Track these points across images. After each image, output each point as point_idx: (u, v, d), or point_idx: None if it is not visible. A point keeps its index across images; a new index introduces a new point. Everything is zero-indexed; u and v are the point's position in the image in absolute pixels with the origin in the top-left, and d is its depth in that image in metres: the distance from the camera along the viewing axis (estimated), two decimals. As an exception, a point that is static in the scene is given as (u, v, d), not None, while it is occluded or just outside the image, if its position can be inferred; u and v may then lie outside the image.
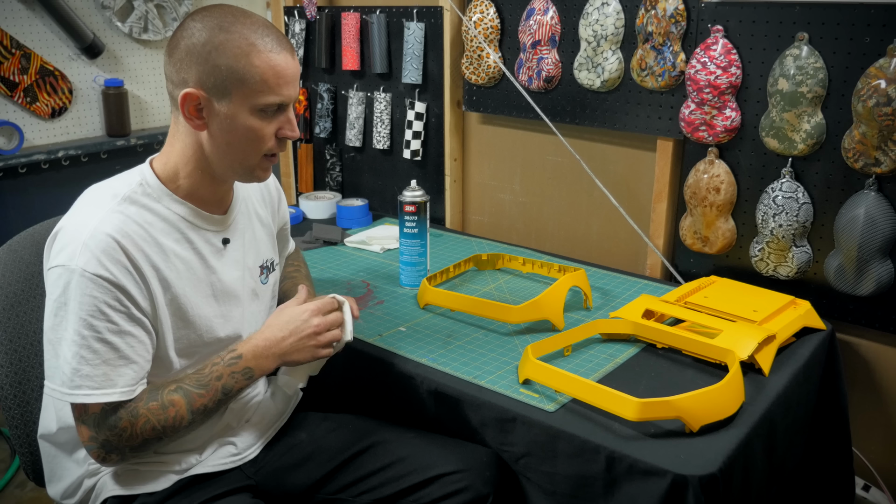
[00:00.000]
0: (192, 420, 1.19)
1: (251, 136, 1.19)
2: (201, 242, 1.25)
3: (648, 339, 1.52)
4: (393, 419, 1.44)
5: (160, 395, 1.16)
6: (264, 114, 1.19)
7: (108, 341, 1.12)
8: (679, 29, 1.78)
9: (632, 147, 2.00)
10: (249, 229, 1.37)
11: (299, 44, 2.53)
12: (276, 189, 1.51)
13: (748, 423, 1.25)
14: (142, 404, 1.15)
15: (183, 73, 1.16)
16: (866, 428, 1.77)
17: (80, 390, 1.12)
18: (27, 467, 1.40)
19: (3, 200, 2.62)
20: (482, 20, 2.10)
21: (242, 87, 1.15)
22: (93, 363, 1.11)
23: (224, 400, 1.22)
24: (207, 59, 1.14)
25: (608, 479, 1.19)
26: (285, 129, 1.22)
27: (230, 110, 1.17)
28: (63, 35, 2.72)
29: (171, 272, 1.20)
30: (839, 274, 1.67)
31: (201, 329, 1.25)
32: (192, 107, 1.17)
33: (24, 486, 2.25)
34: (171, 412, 1.16)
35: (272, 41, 1.17)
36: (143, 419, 1.14)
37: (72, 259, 1.11)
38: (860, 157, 1.59)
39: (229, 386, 1.22)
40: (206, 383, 1.20)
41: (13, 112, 2.64)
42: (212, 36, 1.14)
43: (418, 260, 1.82)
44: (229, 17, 1.17)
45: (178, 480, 1.27)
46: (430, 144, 2.35)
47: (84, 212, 1.17)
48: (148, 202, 1.20)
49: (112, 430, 1.13)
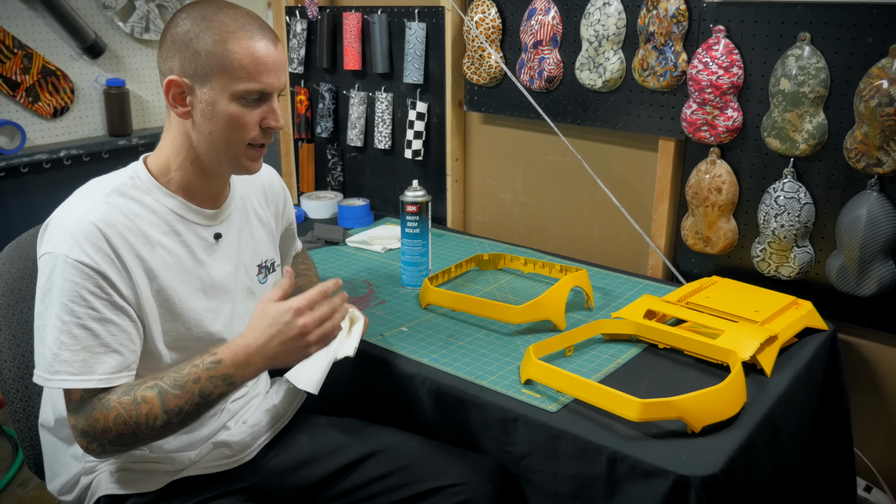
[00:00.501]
0: (168, 420, 1.12)
1: (232, 123, 1.19)
2: (191, 236, 1.26)
3: (650, 340, 1.52)
4: (394, 420, 1.44)
5: (134, 391, 1.12)
6: (245, 101, 1.19)
7: (89, 327, 1.13)
8: (681, 29, 1.78)
9: (633, 147, 2.00)
10: (247, 227, 1.37)
11: (301, 44, 2.53)
12: (282, 189, 1.51)
13: (750, 423, 1.25)
14: (115, 397, 1.12)
15: (168, 61, 1.19)
16: (868, 429, 1.77)
17: (59, 375, 1.12)
18: (30, 461, 1.41)
19: (5, 200, 2.63)
20: (483, 20, 2.10)
21: (222, 73, 1.17)
22: (72, 349, 1.12)
23: (203, 404, 1.14)
24: (188, 45, 1.17)
25: (610, 480, 1.19)
26: (269, 119, 1.22)
27: (211, 97, 1.18)
28: (65, 35, 2.73)
29: (156, 263, 1.20)
30: (841, 274, 1.67)
31: (190, 323, 1.25)
32: (177, 94, 1.19)
33: (26, 485, 2.25)
34: (143, 409, 1.11)
35: (253, 29, 1.19)
36: (114, 412, 1.11)
37: (57, 246, 1.13)
38: (862, 158, 1.59)
39: (207, 391, 1.14)
40: (183, 384, 1.13)
41: (15, 112, 2.65)
42: (194, 24, 1.18)
43: (420, 260, 1.82)
44: (213, 6, 1.19)
45: (172, 482, 1.26)
46: (431, 144, 2.35)
47: (74, 203, 1.19)
48: (137, 194, 1.21)
49: (87, 419, 1.12)
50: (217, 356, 1.15)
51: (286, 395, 1.45)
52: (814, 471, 1.64)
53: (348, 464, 1.34)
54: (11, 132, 2.60)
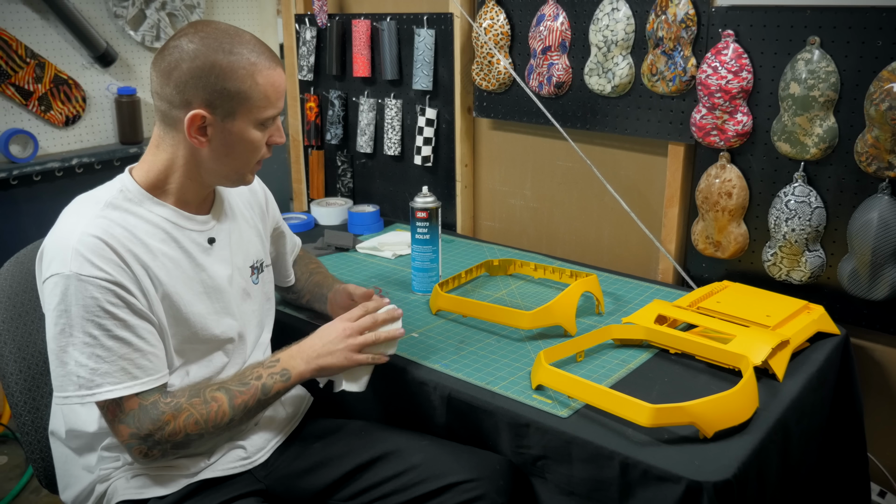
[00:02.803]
0: (233, 417, 1.23)
1: (251, 147, 1.26)
2: (187, 241, 1.29)
3: (661, 345, 1.51)
4: (406, 425, 1.44)
5: (203, 392, 1.22)
6: (264, 126, 1.26)
7: (120, 337, 1.16)
8: (690, 34, 1.78)
9: (643, 152, 2.00)
10: (236, 230, 1.40)
11: (310, 51, 2.54)
12: (263, 191, 1.55)
13: (762, 428, 1.25)
14: (184, 399, 1.20)
15: (187, 94, 1.19)
16: (882, 433, 1.76)
17: (102, 388, 1.15)
18: (40, 474, 1.41)
19: (18, 208, 2.65)
20: (492, 26, 2.11)
21: (248, 105, 1.22)
22: (109, 360, 1.15)
23: (264, 400, 1.27)
24: (216, 82, 1.19)
25: (623, 485, 1.19)
26: (275, 137, 1.30)
27: (236, 128, 1.22)
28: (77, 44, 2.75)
29: (160, 270, 1.23)
30: (853, 278, 1.66)
31: (196, 326, 1.29)
32: (197, 127, 1.21)
33: (39, 492, 2.26)
34: (213, 406, 1.21)
35: (267, 58, 1.24)
36: (185, 413, 1.19)
37: (65, 266, 1.15)
38: (873, 161, 1.59)
39: (269, 385, 1.26)
40: (248, 382, 1.26)
41: (28, 120, 2.67)
42: (217, 58, 1.18)
43: (430, 266, 1.82)
44: (227, 38, 1.21)
45: (189, 484, 1.28)
46: (440, 150, 2.36)
47: (68, 222, 1.21)
48: (130, 206, 1.24)
49: (155, 423, 1.17)
50: (276, 356, 1.31)
51: (295, 399, 1.49)
52: (827, 476, 1.63)
53: (361, 465, 1.35)
54: (24, 141, 2.62)
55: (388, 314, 1.38)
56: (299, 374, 1.29)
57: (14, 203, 2.63)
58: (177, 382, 1.27)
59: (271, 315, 1.52)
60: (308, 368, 1.30)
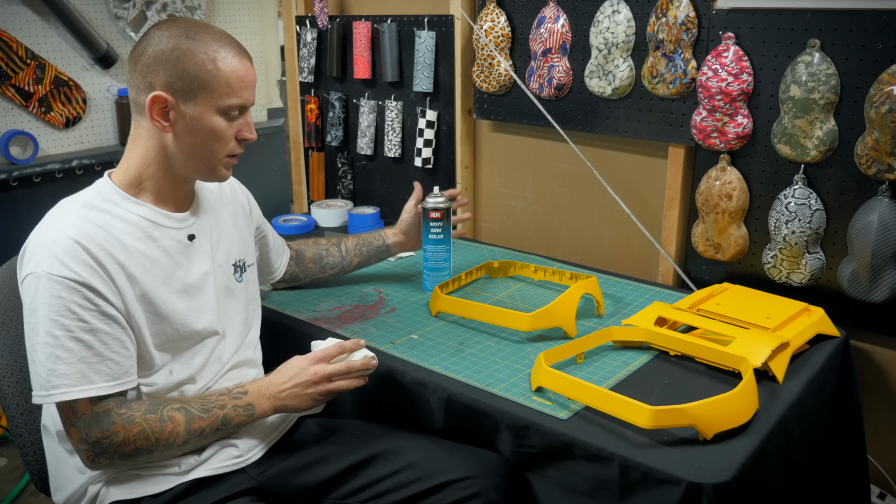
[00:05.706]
0: (187, 440, 1.24)
1: (214, 136, 1.27)
2: (166, 240, 1.30)
3: (661, 347, 1.51)
4: (405, 426, 1.44)
5: (160, 410, 1.22)
6: (227, 115, 1.27)
7: (81, 339, 1.16)
8: (690, 36, 1.79)
9: (643, 154, 2.00)
10: (216, 228, 1.42)
11: (311, 53, 2.54)
12: (244, 193, 1.57)
13: (762, 430, 1.25)
14: (139, 414, 1.20)
15: (150, 77, 1.23)
16: (881, 435, 1.76)
17: (58, 389, 1.15)
18: (35, 477, 1.42)
19: (18, 209, 2.65)
20: (493, 28, 2.11)
21: (208, 90, 1.24)
22: (68, 361, 1.15)
23: (222, 429, 1.28)
24: (175, 63, 1.22)
25: (622, 486, 1.19)
26: (244, 132, 1.31)
27: (196, 112, 1.25)
28: (77, 45, 2.75)
29: (136, 269, 1.24)
30: (853, 280, 1.66)
31: (176, 323, 1.30)
32: (159, 109, 1.24)
33: (39, 494, 2.26)
34: (167, 426, 1.21)
35: (234, 49, 1.27)
36: (137, 427, 1.19)
37: (38, 265, 1.17)
38: (873, 164, 1.59)
39: (230, 417, 1.27)
40: (209, 409, 1.26)
41: (28, 122, 2.67)
42: (179, 42, 1.23)
43: (443, 265, 1.83)
44: (194, 26, 1.26)
45: (181, 483, 1.28)
46: (441, 152, 2.36)
47: (47, 223, 1.24)
48: (107, 206, 1.26)
49: (104, 431, 1.17)
50: (244, 387, 1.31)
51: None
52: (827, 478, 1.63)
53: (356, 463, 1.35)
54: (24, 142, 2.62)
55: (363, 364, 1.35)
56: (262, 412, 1.31)
57: (14, 204, 2.63)
58: (160, 381, 1.28)
59: (258, 315, 1.52)
60: (271, 407, 1.31)
